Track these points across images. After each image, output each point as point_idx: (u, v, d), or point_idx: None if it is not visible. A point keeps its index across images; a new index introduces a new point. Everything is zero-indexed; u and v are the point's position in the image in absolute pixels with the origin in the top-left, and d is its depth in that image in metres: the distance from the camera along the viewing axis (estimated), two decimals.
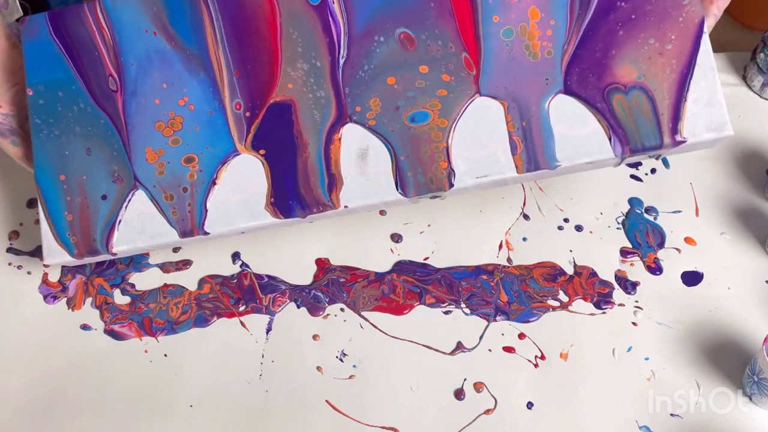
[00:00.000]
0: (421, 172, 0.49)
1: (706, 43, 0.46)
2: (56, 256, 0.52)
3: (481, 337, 0.56)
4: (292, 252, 0.60)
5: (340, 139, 0.50)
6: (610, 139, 0.47)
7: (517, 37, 0.48)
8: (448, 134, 0.49)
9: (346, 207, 0.50)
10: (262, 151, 0.51)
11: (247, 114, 0.51)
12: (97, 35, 0.53)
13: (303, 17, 0.51)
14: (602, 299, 0.58)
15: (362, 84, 0.50)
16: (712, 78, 0.46)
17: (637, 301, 0.58)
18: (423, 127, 0.49)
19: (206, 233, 0.51)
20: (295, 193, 0.50)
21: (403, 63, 0.50)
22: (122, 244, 0.52)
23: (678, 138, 0.46)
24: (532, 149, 0.48)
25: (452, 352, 0.56)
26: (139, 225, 0.52)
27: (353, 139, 0.50)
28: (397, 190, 0.49)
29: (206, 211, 0.51)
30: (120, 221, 0.52)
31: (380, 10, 0.50)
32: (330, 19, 0.51)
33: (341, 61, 0.50)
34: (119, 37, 0.53)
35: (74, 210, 0.52)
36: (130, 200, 0.52)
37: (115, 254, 0.52)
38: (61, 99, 0.53)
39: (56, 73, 0.53)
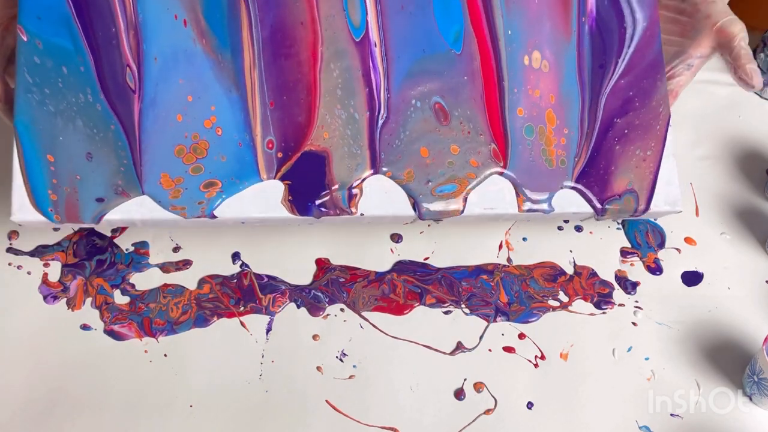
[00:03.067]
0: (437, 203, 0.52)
1: (669, 134, 0.56)
2: (28, 215, 0.47)
3: (481, 337, 0.56)
4: (292, 252, 0.60)
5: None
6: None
7: (536, 139, 0.53)
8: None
9: (362, 215, 0.51)
10: (287, 182, 0.50)
11: (279, 155, 0.49)
12: (117, 5, 0.46)
13: (345, 51, 0.50)
14: (602, 299, 0.58)
15: (398, 153, 0.51)
16: (671, 162, 0.56)
17: (637, 301, 0.58)
18: (449, 194, 0.52)
19: (213, 217, 0.49)
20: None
21: (436, 136, 0.52)
22: (116, 213, 0.47)
23: (646, 208, 0.55)
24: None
25: (452, 352, 0.56)
26: (140, 198, 0.48)
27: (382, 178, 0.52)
28: (414, 211, 0.52)
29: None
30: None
31: (418, 68, 0.51)
32: (371, 63, 0.50)
33: (380, 122, 0.51)
34: (144, 17, 0.46)
35: (60, 196, 0.47)
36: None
37: (99, 222, 0.48)
38: (65, 77, 0.46)
39: (61, 39, 0.46)
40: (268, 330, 0.57)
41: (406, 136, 0.51)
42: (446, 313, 0.57)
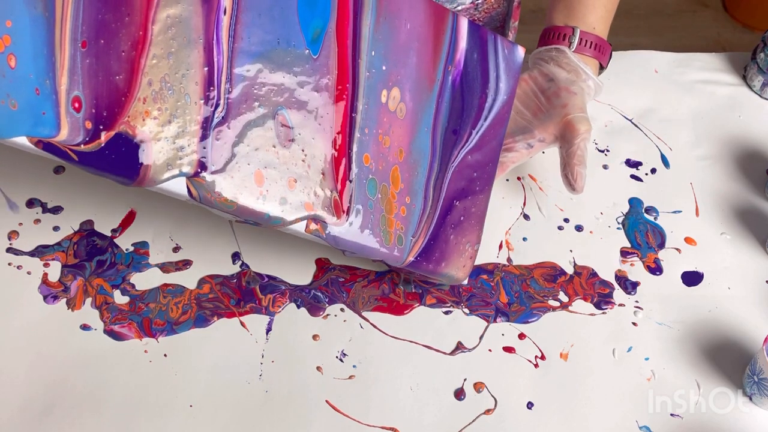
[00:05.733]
0: None
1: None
2: None
3: (481, 337, 0.56)
4: (292, 252, 0.60)
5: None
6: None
7: (378, 199, 0.47)
8: None
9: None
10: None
11: (88, 125, 0.37)
12: None
13: (188, 4, 0.39)
14: (602, 299, 0.58)
15: (232, 170, 0.41)
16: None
17: (637, 301, 0.58)
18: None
19: None
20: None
21: (274, 159, 0.43)
22: None
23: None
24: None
25: (452, 352, 0.56)
26: None
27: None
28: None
29: None
30: None
31: (269, 61, 0.42)
32: (215, 33, 0.40)
33: (215, 120, 0.41)
34: None
35: None
36: None
37: None
38: None
39: None
40: (268, 330, 0.56)
41: (241, 149, 0.42)
42: (446, 313, 0.57)
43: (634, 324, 0.57)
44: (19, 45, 0.35)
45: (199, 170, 0.41)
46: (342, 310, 0.58)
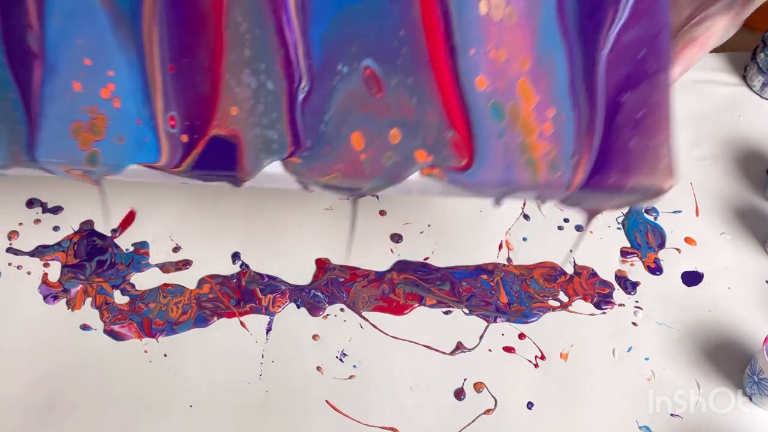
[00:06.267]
0: None
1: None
2: None
3: (481, 337, 0.56)
4: (292, 252, 0.60)
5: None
6: None
7: (509, 124, 0.40)
8: None
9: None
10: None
11: (184, 138, 0.40)
12: None
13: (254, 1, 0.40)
14: (602, 299, 0.58)
15: (326, 143, 0.40)
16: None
17: (637, 301, 0.58)
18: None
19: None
20: None
21: (369, 116, 0.40)
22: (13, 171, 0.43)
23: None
24: None
25: (452, 352, 0.56)
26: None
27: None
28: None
29: None
30: None
31: (342, 21, 0.40)
32: (284, 15, 0.40)
33: (300, 96, 0.40)
34: None
35: None
36: None
37: None
38: None
39: None
40: (268, 330, 0.57)
41: (333, 116, 0.40)
42: (446, 313, 0.57)
43: (634, 324, 0.57)
44: (120, 88, 0.40)
45: (294, 149, 0.40)
46: (342, 310, 0.57)
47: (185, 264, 0.60)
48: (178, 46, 0.40)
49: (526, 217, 0.63)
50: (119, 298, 0.58)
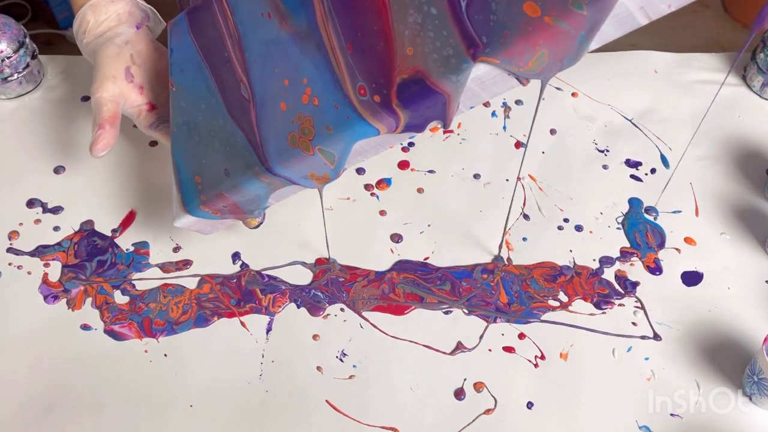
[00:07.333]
0: None
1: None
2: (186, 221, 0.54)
3: (481, 337, 0.56)
4: (292, 252, 0.60)
5: None
6: None
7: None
8: None
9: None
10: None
11: (377, 99, 0.42)
12: (224, 28, 0.50)
13: None
14: (602, 299, 0.58)
15: (501, 29, 0.39)
16: None
17: (637, 302, 0.58)
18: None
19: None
20: None
21: None
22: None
23: None
24: None
25: (452, 352, 0.56)
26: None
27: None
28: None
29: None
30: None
31: None
32: None
33: (463, 4, 0.39)
34: (242, 28, 0.48)
35: (209, 209, 0.52)
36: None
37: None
38: (204, 111, 0.52)
39: (198, 84, 0.52)
40: (268, 330, 0.57)
41: (498, 2, 0.38)
42: (446, 313, 0.57)
43: (634, 324, 0.57)
44: (315, 87, 0.45)
45: (474, 51, 0.40)
46: (342, 310, 0.58)
47: (185, 264, 0.60)
48: (350, 26, 0.43)
49: (526, 217, 0.63)
50: (119, 298, 0.58)
